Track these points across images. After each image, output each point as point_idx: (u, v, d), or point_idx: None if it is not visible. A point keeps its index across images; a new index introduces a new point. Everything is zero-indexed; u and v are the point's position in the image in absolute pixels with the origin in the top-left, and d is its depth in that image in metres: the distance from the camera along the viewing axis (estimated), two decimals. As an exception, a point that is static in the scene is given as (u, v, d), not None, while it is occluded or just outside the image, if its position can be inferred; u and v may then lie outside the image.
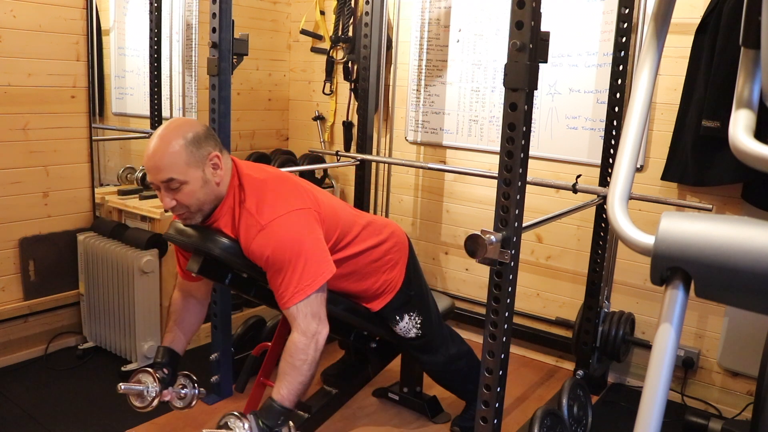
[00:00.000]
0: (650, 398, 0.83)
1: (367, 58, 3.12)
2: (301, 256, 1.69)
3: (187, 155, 1.65)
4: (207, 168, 1.69)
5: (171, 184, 1.66)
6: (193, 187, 1.67)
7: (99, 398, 2.50)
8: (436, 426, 2.42)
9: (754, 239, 0.75)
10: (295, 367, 1.68)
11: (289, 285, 1.68)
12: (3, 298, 2.70)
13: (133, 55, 3.20)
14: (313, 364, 1.71)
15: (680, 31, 2.45)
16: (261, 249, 1.69)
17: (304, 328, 1.69)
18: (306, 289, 1.69)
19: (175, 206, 1.69)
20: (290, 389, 1.68)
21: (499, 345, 1.69)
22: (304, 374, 1.69)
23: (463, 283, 3.29)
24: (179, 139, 1.65)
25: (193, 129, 1.69)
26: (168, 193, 1.68)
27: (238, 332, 2.75)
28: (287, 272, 1.68)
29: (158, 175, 1.65)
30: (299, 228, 1.72)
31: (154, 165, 1.65)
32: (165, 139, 1.66)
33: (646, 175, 2.65)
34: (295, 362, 1.68)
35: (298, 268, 1.68)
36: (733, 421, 2.36)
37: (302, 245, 1.70)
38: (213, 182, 1.71)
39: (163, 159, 1.64)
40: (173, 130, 1.68)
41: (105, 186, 3.09)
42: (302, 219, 1.74)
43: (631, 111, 1.02)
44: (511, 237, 1.62)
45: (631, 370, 2.83)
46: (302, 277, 1.68)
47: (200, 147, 1.67)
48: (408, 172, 3.39)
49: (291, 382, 1.68)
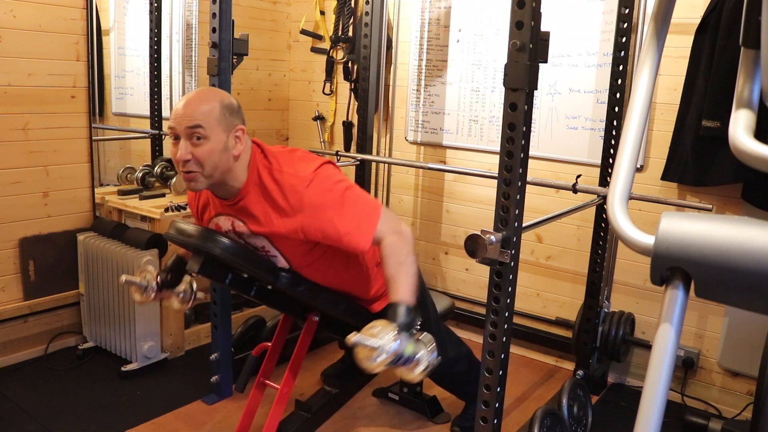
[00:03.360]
0: (650, 398, 0.83)
1: (367, 58, 3.12)
2: (352, 188, 1.77)
3: (219, 114, 1.68)
4: (231, 136, 1.70)
5: (195, 131, 1.64)
6: (213, 146, 1.66)
7: (99, 398, 2.50)
8: (436, 426, 2.42)
9: (754, 239, 0.75)
10: (402, 263, 1.69)
11: (361, 216, 1.73)
12: (3, 298, 2.70)
13: (133, 55, 3.20)
14: (412, 254, 1.74)
15: (680, 31, 2.45)
16: (318, 195, 1.71)
17: (390, 231, 1.73)
18: (376, 211, 1.75)
19: (189, 161, 1.66)
20: (407, 286, 1.67)
21: (499, 345, 1.69)
22: (412, 266, 1.72)
23: (463, 283, 3.29)
24: (216, 100, 1.70)
25: (229, 98, 1.75)
26: (187, 144, 1.66)
27: (238, 332, 2.75)
28: (351, 205, 1.73)
29: (185, 121, 1.65)
30: (335, 172, 1.80)
31: (185, 112, 1.66)
32: (203, 94, 1.73)
33: (646, 175, 2.65)
34: (399, 258, 1.70)
35: (357, 198, 1.76)
36: (733, 421, 2.37)
37: (346, 182, 1.77)
38: (231, 153, 1.71)
39: (197, 108, 1.66)
40: (212, 91, 1.77)
41: (105, 186, 3.09)
42: (334, 167, 1.82)
43: (631, 111, 1.02)
44: (511, 237, 1.62)
45: (631, 370, 2.83)
46: (365, 204, 1.76)
47: (232, 114, 1.72)
48: (408, 172, 3.39)
49: (405, 279, 1.68)
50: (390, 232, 1.73)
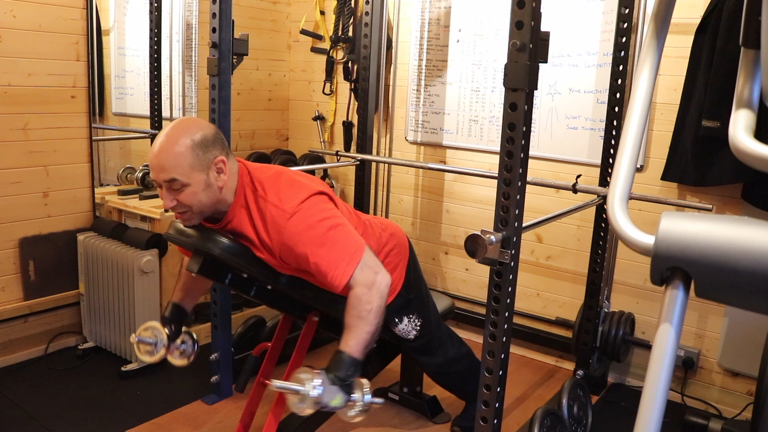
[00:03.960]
0: (650, 398, 0.83)
1: (367, 58, 3.12)
2: (338, 228, 1.70)
3: (192, 157, 1.64)
4: (211, 172, 1.68)
5: (173, 184, 1.65)
6: (195, 189, 1.66)
7: (99, 398, 2.50)
8: (436, 426, 2.42)
9: (754, 239, 0.75)
10: (361, 318, 1.64)
11: (339, 257, 1.67)
12: (3, 298, 2.70)
13: (133, 55, 3.20)
14: (379, 312, 1.67)
15: (680, 31, 2.45)
16: (298, 233, 1.67)
17: (363, 282, 1.67)
18: (355, 255, 1.68)
19: (176, 206, 1.69)
20: (358, 340, 1.62)
21: (499, 345, 1.69)
22: (371, 323, 1.65)
23: (463, 283, 3.29)
24: (186, 140, 1.64)
25: (201, 130, 1.68)
26: (169, 193, 1.67)
27: (238, 332, 2.75)
28: (331, 246, 1.67)
29: (161, 174, 1.65)
30: (324, 206, 1.73)
31: (158, 163, 1.64)
32: (172, 138, 1.65)
33: (646, 175, 2.65)
34: (360, 313, 1.64)
35: (339, 239, 1.69)
36: (733, 421, 2.36)
37: (334, 219, 1.71)
38: (216, 186, 1.70)
39: (167, 159, 1.63)
40: (182, 129, 1.67)
41: (105, 186, 3.10)
42: (323, 200, 1.76)
43: (631, 111, 1.02)
44: (511, 237, 1.62)
45: (631, 370, 2.83)
46: (346, 246, 1.68)
47: (207, 150, 1.66)
48: (408, 172, 3.39)
49: (359, 332, 1.63)
50: (362, 283, 1.66)
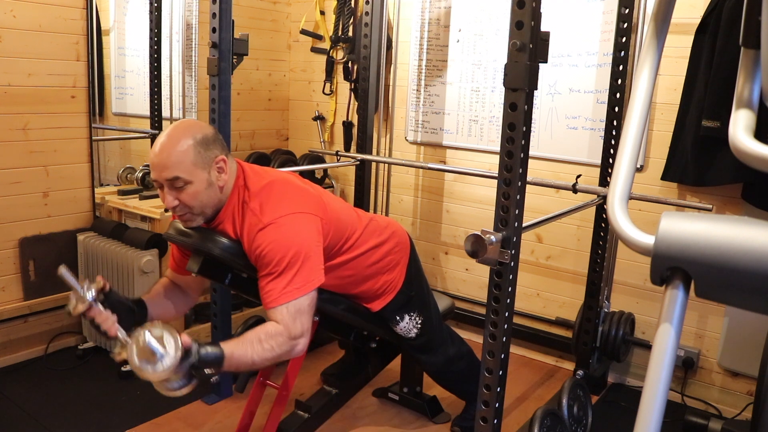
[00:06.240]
0: (650, 398, 0.83)
1: (367, 58, 3.12)
2: (298, 257, 1.66)
3: (194, 155, 1.64)
4: (212, 171, 1.69)
5: (175, 182, 1.65)
6: (197, 188, 1.66)
7: (99, 398, 2.50)
8: (436, 426, 2.42)
9: (754, 239, 0.75)
10: (260, 348, 1.61)
11: (278, 284, 1.65)
12: (3, 298, 2.70)
13: (133, 55, 3.20)
14: (274, 360, 1.66)
15: (680, 31, 2.45)
16: (259, 247, 1.67)
17: (290, 327, 1.64)
18: (296, 291, 1.65)
19: (177, 206, 1.69)
20: (240, 357, 1.59)
21: (499, 345, 1.69)
22: (261, 358, 1.62)
23: (463, 283, 3.29)
24: (188, 139, 1.65)
25: (202, 131, 1.69)
26: (171, 192, 1.67)
27: (238, 332, 2.75)
28: (279, 272, 1.65)
29: (163, 173, 1.64)
30: (299, 230, 1.70)
31: (160, 162, 1.64)
32: (174, 137, 1.65)
33: (646, 175, 2.65)
34: (263, 344, 1.61)
35: (291, 269, 1.65)
36: (733, 421, 2.36)
37: (300, 247, 1.68)
38: (217, 186, 1.70)
39: (170, 157, 1.63)
40: (183, 129, 1.68)
41: (105, 186, 3.10)
42: (303, 222, 1.72)
43: (631, 111, 1.02)
44: (511, 237, 1.62)
45: (631, 370, 2.83)
46: (294, 278, 1.66)
47: (208, 149, 1.67)
48: (408, 172, 3.39)
49: (245, 353, 1.59)
50: (282, 329, 1.63)
